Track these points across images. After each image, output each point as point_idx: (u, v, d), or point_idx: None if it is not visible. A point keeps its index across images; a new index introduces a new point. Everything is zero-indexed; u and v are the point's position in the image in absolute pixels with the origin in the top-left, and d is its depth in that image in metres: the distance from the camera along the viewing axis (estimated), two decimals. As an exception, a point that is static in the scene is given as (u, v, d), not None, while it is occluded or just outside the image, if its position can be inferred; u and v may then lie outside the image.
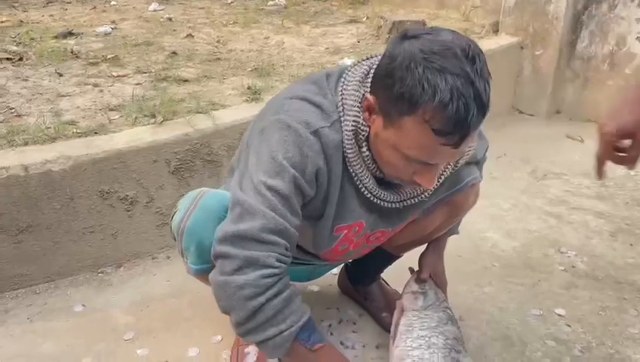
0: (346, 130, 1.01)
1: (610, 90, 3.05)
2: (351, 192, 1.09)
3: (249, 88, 2.23)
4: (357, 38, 3.28)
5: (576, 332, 1.55)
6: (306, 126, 0.99)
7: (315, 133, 0.99)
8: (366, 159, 1.03)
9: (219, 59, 2.76)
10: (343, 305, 1.64)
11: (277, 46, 3.07)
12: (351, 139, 1.01)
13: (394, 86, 0.87)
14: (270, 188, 0.97)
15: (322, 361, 1.06)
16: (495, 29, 3.32)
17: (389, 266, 1.55)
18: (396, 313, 1.28)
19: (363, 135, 1.01)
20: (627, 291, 1.74)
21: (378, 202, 1.11)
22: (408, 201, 1.14)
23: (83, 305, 1.62)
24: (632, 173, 2.51)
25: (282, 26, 3.52)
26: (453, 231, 1.46)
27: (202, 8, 4.00)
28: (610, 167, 1.12)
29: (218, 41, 3.10)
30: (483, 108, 0.86)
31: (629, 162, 1.09)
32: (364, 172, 1.05)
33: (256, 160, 1.01)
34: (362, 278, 1.60)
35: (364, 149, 1.02)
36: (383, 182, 1.09)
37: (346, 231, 1.15)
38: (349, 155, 1.03)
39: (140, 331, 1.51)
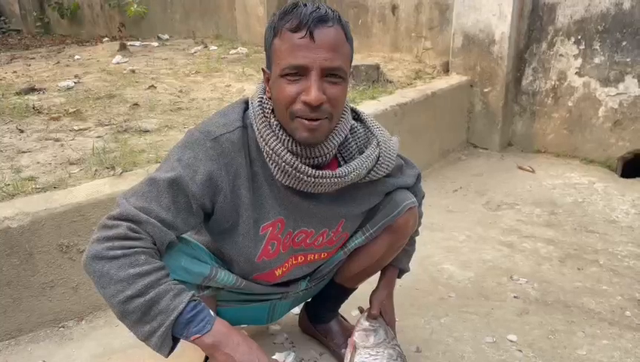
0: (254, 108, 1.15)
1: (556, 122, 3.24)
2: (264, 189, 1.16)
3: (208, 136, 2.29)
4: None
5: (527, 357, 1.62)
6: (206, 134, 1.12)
7: (215, 140, 1.12)
8: (275, 128, 1.13)
9: (180, 108, 2.83)
10: (304, 344, 1.67)
11: (238, 93, 3.16)
12: (259, 114, 1.14)
13: (265, 44, 1.13)
14: (150, 180, 1.08)
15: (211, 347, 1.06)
16: (446, 69, 3.50)
17: (345, 301, 1.60)
18: (348, 350, 1.33)
19: (268, 109, 1.15)
20: (575, 314, 1.83)
21: (295, 182, 1.14)
22: (326, 179, 1.14)
23: (44, 361, 1.61)
24: (580, 200, 2.65)
25: (243, 73, 3.63)
26: (405, 267, 1.53)
27: (165, 59, 4.09)
28: (560, 194, 1.23)
29: (180, 91, 3.19)
30: (320, 8, 1.06)
31: None
32: (278, 145, 1.12)
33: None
34: (321, 316, 1.64)
35: (272, 120, 1.14)
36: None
37: (271, 229, 1.20)
38: (261, 129, 1.13)
39: (101, 383, 1.52)
